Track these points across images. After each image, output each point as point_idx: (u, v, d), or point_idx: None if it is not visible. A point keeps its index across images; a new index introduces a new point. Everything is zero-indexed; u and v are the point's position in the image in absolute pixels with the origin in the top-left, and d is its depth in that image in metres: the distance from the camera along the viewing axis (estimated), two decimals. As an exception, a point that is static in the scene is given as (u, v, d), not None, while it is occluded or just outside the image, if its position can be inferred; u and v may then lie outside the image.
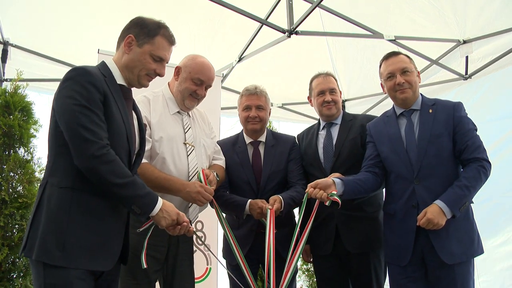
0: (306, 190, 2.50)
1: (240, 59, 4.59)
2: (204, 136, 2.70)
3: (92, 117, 1.75)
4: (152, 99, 2.54)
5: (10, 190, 3.07)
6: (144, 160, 2.31)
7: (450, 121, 2.48)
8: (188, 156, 2.52)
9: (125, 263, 1.97)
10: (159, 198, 1.90)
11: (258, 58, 4.58)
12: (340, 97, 3.03)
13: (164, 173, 2.40)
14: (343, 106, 5.64)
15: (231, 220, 2.89)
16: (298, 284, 4.56)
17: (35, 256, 1.68)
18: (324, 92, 2.94)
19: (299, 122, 5.72)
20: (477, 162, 2.39)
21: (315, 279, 3.10)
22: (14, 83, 3.29)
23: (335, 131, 2.95)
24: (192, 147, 2.55)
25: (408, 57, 2.66)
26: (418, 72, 2.67)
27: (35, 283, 1.73)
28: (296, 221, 2.95)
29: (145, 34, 1.98)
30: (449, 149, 2.47)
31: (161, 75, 2.07)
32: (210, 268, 3.82)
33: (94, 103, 1.77)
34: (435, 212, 2.31)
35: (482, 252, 2.45)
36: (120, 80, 1.98)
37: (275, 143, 2.96)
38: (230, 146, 2.96)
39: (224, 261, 2.93)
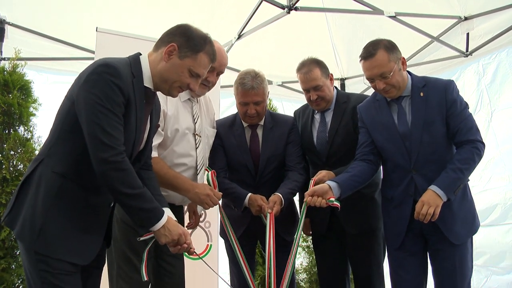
0: (305, 199, 2.50)
1: (239, 37, 4.55)
2: (208, 126, 2.68)
3: (113, 119, 1.73)
4: None
5: (11, 168, 3.09)
6: (154, 154, 2.30)
7: (443, 103, 2.44)
8: (196, 149, 2.51)
9: (108, 246, 2.00)
10: (165, 215, 1.87)
11: (257, 36, 4.53)
12: (332, 82, 2.89)
13: (174, 171, 2.40)
14: (343, 84, 5.65)
15: None
16: (298, 261, 4.61)
17: (15, 233, 1.73)
18: (308, 90, 2.82)
19: (299, 101, 5.67)
20: (470, 143, 2.38)
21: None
22: (13, 61, 3.27)
23: (329, 116, 2.88)
24: (200, 138, 2.54)
25: (386, 49, 2.42)
26: (403, 58, 2.49)
27: (23, 256, 1.76)
28: (295, 203, 2.98)
29: (189, 47, 1.90)
30: (443, 133, 2.45)
31: (193, 89, 2.02)
32: (211, 245, 3.86)
33: (117, 105, 1.74)
34: (429, 195, 2.32)
35: (479, 226, 2.50)
36: (148, 82, 1.92)
37: (273, 125, 2.87)
38: (228, 127, 2.87)
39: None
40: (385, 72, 2.40)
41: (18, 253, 3.00)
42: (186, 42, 1.91)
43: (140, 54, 1.97)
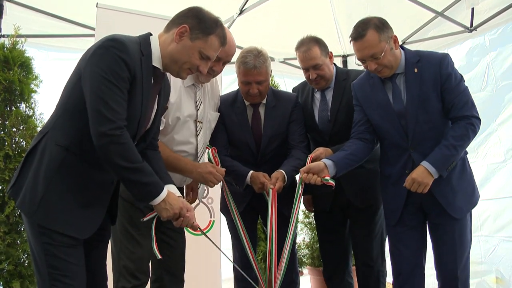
0: (300, 175, 2.51)
1: (241, 12, 4.50)
2: (211, 110, 2.65)
3: (116, 94, 1.73)
4: None
5: (14, 145, 3.10)
6: None
7: (437, 78, 2.40)
8: (197, 136, 2.50)
9: (113, 223, 2.04)
10: (165, 190, 1.88)
11: (259, 11, 4.48)
12: (331, 60, 2.86)
13: (175, 153, 2.40)
14: (345, 61, 5.60)
15: None
16: (300, 237, 4.66)
17: (17, 203, 1.77)
18: (307, 69, 2.79)
19: (301, 77, 5.63)
20: (465, 119, 2.36)
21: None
22: (12, 38, 3.25)
23: (329, 94, 2.87)
24: (201, 124, 2.53)
25: (376, 28, 2.36)
26: (395, 37, 2.42)
27: (27, 230, 1.79)
28: (296, 180, 2.98)
29: (201, 29, 1.92)
30: (439, 109, 2.43)
31: (202, 72, 2.04)
32: (214, 221, 3.90)
33: (122, 80, 1.75)
34: (420, 172, 2.34)
35: (478, 198, 2.52)
36: (156, 62, 1.93)
37: (276, 103, 2.82)
38: (229, 105, 2.82)
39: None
40: (376, 53, 2.36)
41: (22, 228, 3.03)
42: (198, 24, 1.92)
43: (151, 35, 1.98)
